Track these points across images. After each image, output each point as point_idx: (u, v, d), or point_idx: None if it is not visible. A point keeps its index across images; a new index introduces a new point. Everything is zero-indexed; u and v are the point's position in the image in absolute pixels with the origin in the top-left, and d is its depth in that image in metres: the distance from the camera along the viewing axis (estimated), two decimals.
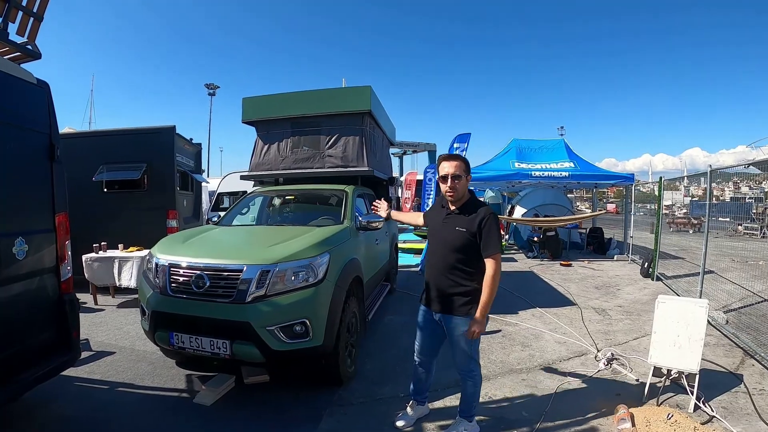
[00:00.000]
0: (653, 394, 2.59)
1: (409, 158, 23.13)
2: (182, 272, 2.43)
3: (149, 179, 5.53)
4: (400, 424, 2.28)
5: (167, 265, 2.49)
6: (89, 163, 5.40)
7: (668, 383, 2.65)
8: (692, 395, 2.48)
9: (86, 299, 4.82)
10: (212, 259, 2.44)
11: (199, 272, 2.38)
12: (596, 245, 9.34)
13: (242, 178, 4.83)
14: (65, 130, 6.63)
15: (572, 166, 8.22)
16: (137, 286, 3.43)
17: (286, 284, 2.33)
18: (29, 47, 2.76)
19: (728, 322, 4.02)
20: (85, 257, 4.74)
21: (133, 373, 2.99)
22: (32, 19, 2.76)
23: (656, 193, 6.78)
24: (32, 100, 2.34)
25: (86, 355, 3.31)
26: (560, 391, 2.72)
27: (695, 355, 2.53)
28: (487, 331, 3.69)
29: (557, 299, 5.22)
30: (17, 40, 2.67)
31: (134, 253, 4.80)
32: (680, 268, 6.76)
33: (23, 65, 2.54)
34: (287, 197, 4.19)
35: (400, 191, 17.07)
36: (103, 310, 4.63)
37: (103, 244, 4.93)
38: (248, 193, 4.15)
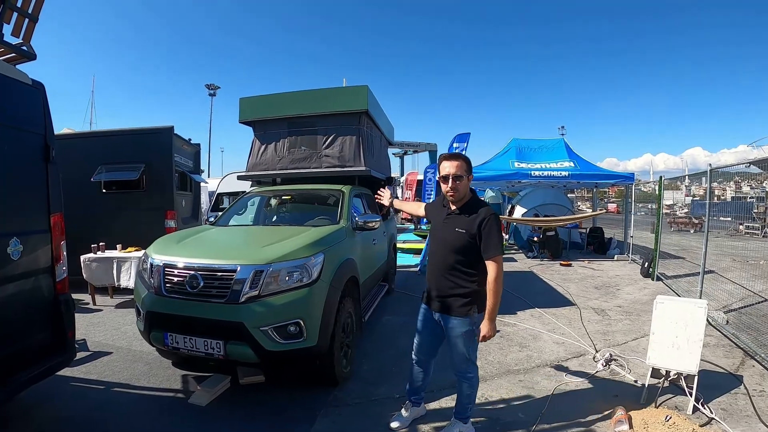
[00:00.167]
0: (652, 395, 2.57)
1: (409, 158, 23.15)
2: (176, 272, 2.43)
3: (148, 180, 5.54)
4: (394, 425, 2.26)
5: (162, 265, 2.49)
6: (88, 163, 5.42)
7: (667, 385, 2.62)
8: (691, 397, 2.45)
9: (86, 299, 4.84)
10: (206, 259, 2.44)
11: (193, 272, 2.37)
12: (596, 245, 9.30)
13: (239, 178, 4.83)
14: (64, 130, 6.66)
15: (572, 165, 8.19)
16: (133, 286, 3.44)
17: (279, 284, 2.33)
18: (24, 48, 2.76)
19: (728, 322, 3.99)
20: (83, 257, 4.75)
21: (129, 373, 2.99)
22: (27, 20, 2.76)
23: (657, 192, 6.75)
24: (27, 101, 2.34)
25: (83, 355, 3.31)
26: (557, 392, 2.70)
27: (694, 356, 2.50)
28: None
29: (556, 299, 5.19)
30: (12, 41, 2.68)
31: (133, 253, 4.80)
32: (681, 267, 6.72)
33: (18, 66, 2.54)
34: (284, 197, 4.19)
35: (400, 191, 17.07)
36: (101, 310, 4.63)
37: (101, 244, 4.93)
38: (245, 193, 4.14)
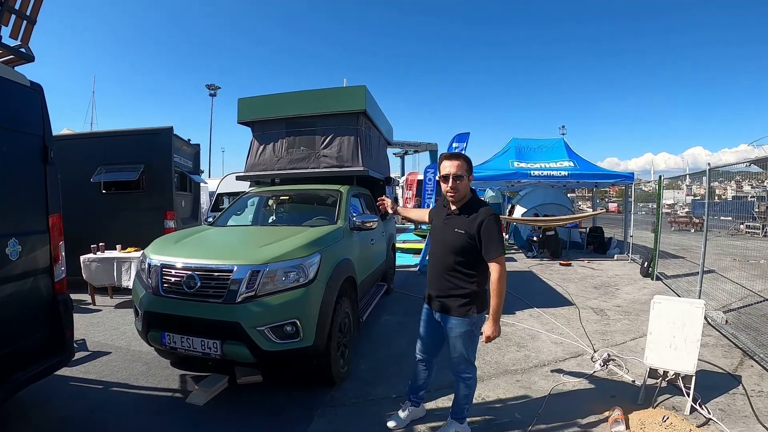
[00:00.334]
0: (649, 395, 2.56)
1: (410, 158, 23.15)
2: (174, 272, 2.43)
3: (147, 180, 5.55)
4: (391, 424, 2.26)
5: (159, 265, 2.50)
6: (87, 164, 5.44)
7: (664, 385, 2.62)
8: (688, 397, 2.44)
9: (87, 299, 4.86)
10: (203, 259, 2.45)
11: (190, 272, 2.38)
12: (596, 245, 9.29)
13: (238, 178, 4.83)
14: (63, 131, 6.68)
15: (572, 165, 8.18)
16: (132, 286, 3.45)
17: (276, 284, 2.33)
18: (23, 50, 2.76)
19: (727, 322, 3.98)
20: (83, 258, 4.77)
21: (127, 373, 3.00)
22: (25, 22, 2.77)
23: (656, 192, 6.73)
24: (26, 102, 2.35)
25: (82, 355, 3.33)
26: (555, 392, 2.70)
27: (691, 356, 2.49)
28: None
29: (555, 299, 5.18)
30: (10, 43, 2.69)
31: (132, 253, 4.81)
32: (680, 267, 6.71)
33: (17, 68, 2.55)
34: (282, 197, 4.19)
35: (400, 191, 17.06)
36: (100, 310, 4.65)
37: (101, 244, 4.95)
38: (244, 193, 4.15)
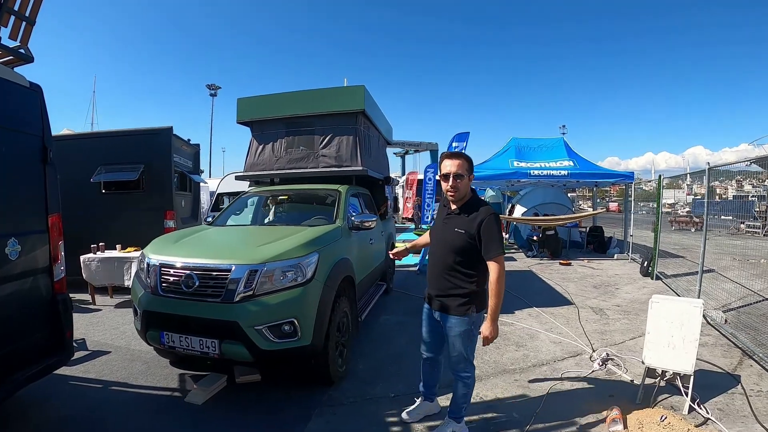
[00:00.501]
0: (647, 395, 2.56)
1: (411, 158, 23.14)
2: (173, 272, 2.44)
3: (147, 180, 5.56)
4: (404, 416, 2.34)
5: (158, 264, 2.51)
6: (87, 164, 5.45)
7: (663, 384, 2.62)
8: (687, 397, 2.44)
9: (87, 299, 4.88)
10: (201, 258, 2.45)
11: (188, 272, 2.39)
12: (596, 244, 9.28)
13: (237, 178, 4.84)
14: (63, 131, 6.69)
15: (571, 164, 8.17)
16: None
17: (274, 284, 2.34)
18: (22, 51, 2.77)
19: (727, 321, 3.97)
20: (83, 258, 4.78)
21: (127, 372, 3.01)
22: (24, 23, 2.77)
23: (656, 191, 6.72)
24: (25, 103, 2.36)
25: (82, 354, 3.34)
26: (553, 392, 2.70)
27: (690, 355, 2.49)
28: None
29: (555, 299, 5.18)
30: (10, 44, 2.70)
31: (132, 253, 4.83)
32: (680, 266, 6.70)
33: (16, 69, 2.56)
34: (281, 197, 4.20)
35: (401, 191, 17.05)
36: (100, 310, 4.66)
37: (101, 244, 4.96)
38: (243, 193, 4.16)
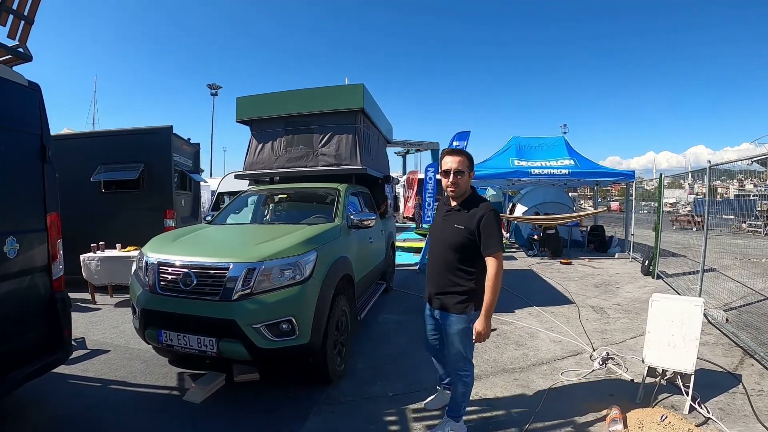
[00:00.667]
0: (648, 394, 2.55)
1: (412, 157, 23.12)
2: (171, 270, 2.44)
3: (147, 179, 5.56)
4: (427, 402, 2.44)
5: (156, 263, 2.51)
6: (87, 163, 5.45)
7: (663, 383, 2.60)
8: (687, 396, 2.42)
9: (87, 298, 4.88)
10: (200, 257, 2.45)
11: (186, 270, 2.38)
12: (597, 243, 9.25)
13: (237, 177, 4.84)
14: (64, 130, 6.70)
15: (572, 163, 8.14)
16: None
17: (272, 282, 2.33)
18: (21, 50, 2.77)
19: (728, 320, 3.95)
20: (82, 257, 4.79)
21: (126, 371, 3.01)
22: (23, 22, 2.77)
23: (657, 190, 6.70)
24: (24, 102, 2.36)
25: (82, 353, 3.34)
26: (552, 391, 2.68)
27: (690, 355, 2.47)
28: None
29: (555, 298, 5.17)
30: (8, 43, 2.69)
31: (132, 252, 4.83)
32: (682, 266, 6.68)
33: (15, 68, 2.56)
34: (280, 196, 4.19)
35: (401, 190, 17.03)
36: (100, 309, 4.67)
37: (101, 243, 4.97)
38: (242, 192, 4.15)
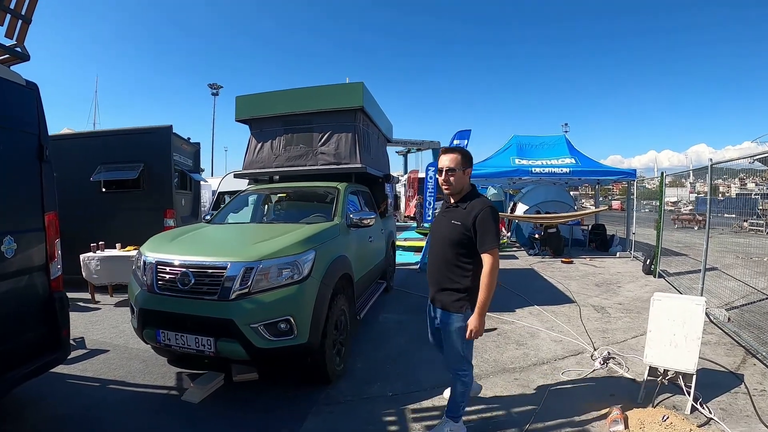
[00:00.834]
0: (649, 394, 2.52)
1: (413, 156, 23.13)
2: (168, 270, 2.43)
3: (147, 179, 5.56)
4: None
5: (154, 262, 2.50)
6: (87, 163, 5.46)
7: (665, 383, 2.58)
8: (689, 396, 2.40)
9: (87, 298, 4.88)
10: (197, 256, 2.44)
11: (184, 270, 2.37)
12: (598, 242, 9.22)
13: (236, 176, 4.83)
14: (64, 130, 6.70)
15: (573, 162, 8.12)
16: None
17: (270, 281, 2.32)
18: (18, 49, 2.75)
19: (730, 319, 3.92)
20: (82, 257, 4.79)
21: (125, 370, 3.00)
22: (21, 21, 2.76)
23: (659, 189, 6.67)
24: (21, 101, 2.36)
25: (81, 353, 3.33)
26: (553, 391, 2.66)
27: (692, 354, 2.45)
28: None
29: (556, 297, 5.14)
30: (6, 42, 2.68)
31: (131, 252, 4.83)
32: (683, 264, 6.64)
33: (13, 67, 2.55)
34: (280, 195, 4.18)
35: (402, 190, 17.02)
36: (100, 309, 4.67)
37: (100, 243, 4.97)
38: (242, 191, 4.14)
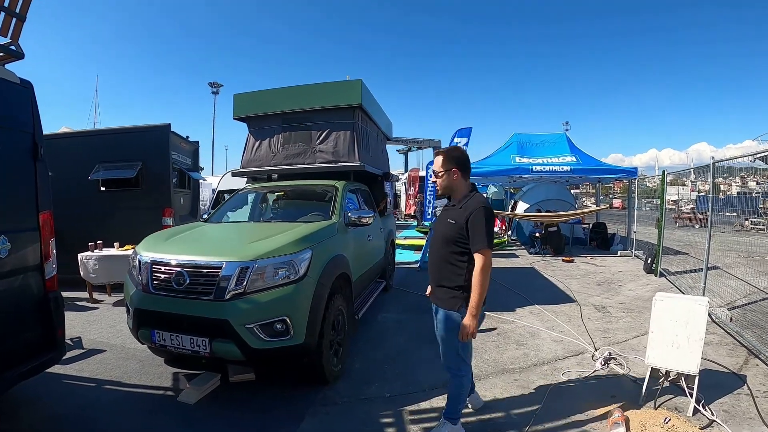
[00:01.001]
0: (651, 396, 2.49)
1: (414, 155, 23.09)
2: (164, 269, 2.41)
3: (145, 177, 5.54)
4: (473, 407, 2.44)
5: (150, 262, 2.47)
6: (85, 162, 5.43)
7: (667, 385, 2.54)
8: (691, 398, 2.37)
9: (85, 297, 4.86)
10: (192, 256, 2.41)
11: (179, 269, 2.35)
12: (599, 241, 9.18)
13: (234, 174, 4.80)
14: (62, 129, 6.69)
15: (574, 160, 8.07)
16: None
17: (266, 281, 2.29)
18: (12, 48, 2.72)
19: (732, 319, 3.88)
20: (80, 256, 4.77)
21: (121, 371, 2.98)
22: (15, 19, 2.73)
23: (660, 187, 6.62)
24: (15, 100, 2.33)
25: (78, 352, 3.31)
26: (553, 392, 2.63)
27: (695, 355, 2.41)
28: (482, 329, 3.61)
29: (557, 296, 5.11)
30: (0, 40, 2.65)
31: (130, 251, 4.80)
32: (684, 263, 6.60)
33: (7, 66, 2.52)
34: (278, 193, 4.15)
35: (402, 188, 16.99)
36: (97, 308, 4.65)
37: (98, 242, 4.94)
38: (239, 189, 4.11)
